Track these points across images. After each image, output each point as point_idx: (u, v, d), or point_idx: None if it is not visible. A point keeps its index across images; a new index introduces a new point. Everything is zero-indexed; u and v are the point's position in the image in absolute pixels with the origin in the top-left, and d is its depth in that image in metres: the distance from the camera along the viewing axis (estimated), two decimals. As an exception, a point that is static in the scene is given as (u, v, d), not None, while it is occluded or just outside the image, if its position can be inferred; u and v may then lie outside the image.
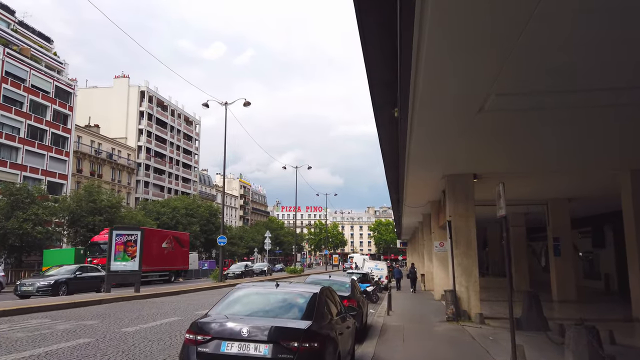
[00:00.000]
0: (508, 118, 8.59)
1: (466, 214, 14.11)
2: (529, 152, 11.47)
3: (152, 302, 17.73)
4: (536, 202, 20.94)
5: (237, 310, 5.60)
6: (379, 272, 30.00)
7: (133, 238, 20.00)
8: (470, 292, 13.78)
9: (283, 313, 5.55)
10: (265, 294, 6.08)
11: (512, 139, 10.13)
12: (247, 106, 31.51)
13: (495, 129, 9.31)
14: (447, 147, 10.59)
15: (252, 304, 5.79)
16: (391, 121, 10.65)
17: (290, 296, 5.92)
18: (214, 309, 5.70)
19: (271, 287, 6.19)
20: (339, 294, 10.31)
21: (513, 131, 9.50)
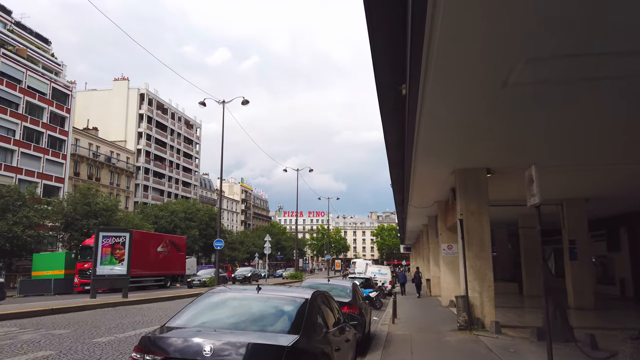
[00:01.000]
0: (535, 97, 7.36)
1: (479, 212, 12.87)
2: (555, 142, 10.19)
3: (139, 309, 16.50)
4: (550, 202, 19.61)
5: (205, 321, 4.36)
6: (383, 277, 28.71)
7: (121, 240, 18.79)
8: (484, 298, 12.51)
9: (264, 325, 4.30)
10: (243, 299, 4.83)
11: (537, 125, 8.88)
12: (245, 105, 30.43)
13: (518, 111, 8.07)
14: (461, 132, 9.34)
15: (225, 313, 4.54)
16: (397, 106, 9.45)
17: (274, 303, 4.68)
18: (175, 318, 4.46)
19: (252, 291, 4.96)
20: (338, 300, 9.08)
21: (539, 115, 8.25)
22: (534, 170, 6.37)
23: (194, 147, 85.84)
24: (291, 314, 4.37)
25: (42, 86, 50.86)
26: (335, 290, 10.12)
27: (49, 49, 56.67)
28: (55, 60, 56.49)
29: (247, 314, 4.44)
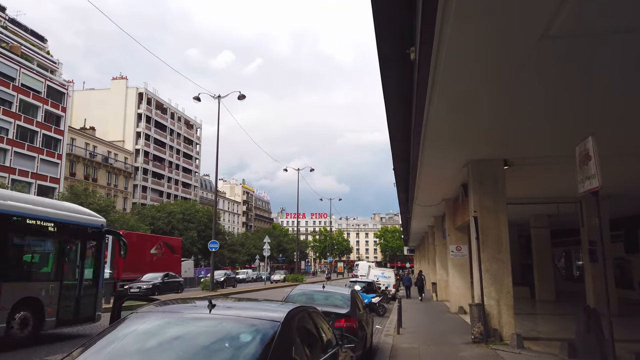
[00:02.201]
0: (578, 59, 5.88)
1: (495, 209, 11.38)
2: (600, 120, 8.64)
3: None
4: (568, 200, 18.11)
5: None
6: (386, 281, 27.17)
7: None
8: (502, 306, 11.02)
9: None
10: (182, 325, 3.30)
11: (578, 99, 7.40)
12: (241, 99, 29.09)
13: (555, 81, 6.60)
14: (481, 109, 7.85)
15: (143, 354, 3.00)
16: (404, 81, 8.00)
17: (228, 330, 3.15)
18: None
19: (200, 310, 3.47)
20: (334, 311, 7.63)
21: (580, 82, 6.76)
22: (592, 142, 4.89)
23: (194, 147, 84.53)
24: (251, 350, 2.90)
25: (36, 84, 49.63)
26: (332, 299, 8.68)
27: (44, 46, 55.50)
28: (51, 58, 55.29)
29: (180, 355, 2.91)
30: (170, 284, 28.00)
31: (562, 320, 16.31)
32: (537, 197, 17.95)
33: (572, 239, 31.19)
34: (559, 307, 21.50)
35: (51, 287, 10.60)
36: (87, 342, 3.09)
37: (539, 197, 17.94)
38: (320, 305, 8.24)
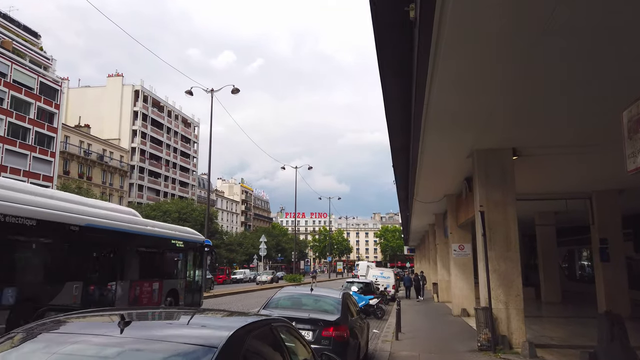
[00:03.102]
0: (615, 23, 4.85)
1: (504, 203, 10.35)
2: (620, 96, 7.60)
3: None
4: (578, 195, 17.09)
5: None
6: (385, 281, 26.15)
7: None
8: (511, 310, 9.97)
9: None
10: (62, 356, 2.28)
11: (605, 70, 6.36)
12: (235, 93, 28.10)
13: (588, 43, 5.56)
14: (490, 82, 6.83)
15: None
16: (401, 56, 6.97)
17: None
18: None
19: (109, 330, 2.43)
20: (321, 317, 6.61)
21: (613, 53, 5.73)
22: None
23: (191, 146, 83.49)
24: None
25: (29, 80, 48.56)
26: (320, 304, 7.65)
27: (37, 42, 54.47)
28: (44, 54, 54.27)
29: None
30: None
31: (573, 324, 15.29)
32: (544, 193, 16.90)
33: (576, 237, 30.22)
34: (567, 309, 20.48)
35: (181, 283, 16.35)
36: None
37: (546, 193, 16.90)
38: (307, 311, 7.22)
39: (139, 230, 14.01)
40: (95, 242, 12.08)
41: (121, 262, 13.13)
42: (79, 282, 11.14)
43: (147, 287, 14.22)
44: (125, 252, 13.33)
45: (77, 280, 11.11)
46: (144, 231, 14.35)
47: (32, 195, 10.33)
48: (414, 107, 8.10)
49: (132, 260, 13.66)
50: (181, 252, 16.47)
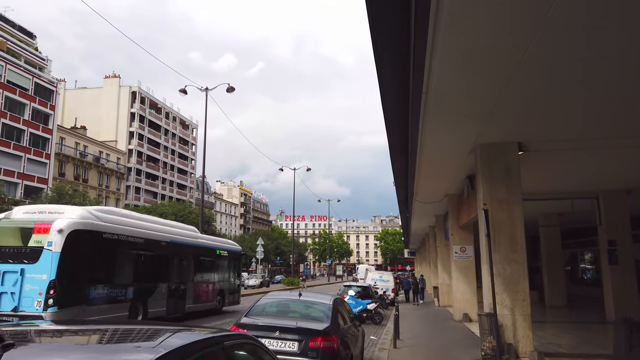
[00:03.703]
0: None
1: (509, 201, 9.64)
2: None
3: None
4: (584, 195, 16.38)
5: None
6: (384, 285, 25.41)
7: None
8: (517, 316, 9.25)
9: None
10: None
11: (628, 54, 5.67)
12: (230, 92, 27.38)
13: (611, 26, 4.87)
14: (496, 64, 6.13)
15: None
16: (398, 34, 6.27)
17: None
18: None
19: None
20: (309, 326, 5.91)
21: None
22: None
23: (189, 148, 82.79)
24: None
25: (23, 81, 47.95)
26: (309, 310, 6.94)
27: (33, 43, 53.84)
28: (39, 54, 53.60)
29: None
30: None
31: (581, 330, 14.54)
32: (549, 193, 16.18)
33: (579, 240, 29.51)
34: (573, 314, 19.73)
35: (226, 285, 19.90)
36: None
37: (551, 193, 16.18)
38: (293, 319, 6.51)
39: (199, 243, 18.08)
40: (174, 253, 15.99)
41: (188, 268, 16.94)
42: (165, 283, 15.30)
43: (204, 288, 18.13)
44: (190, 260, 17.11)
45: (164, 282, 15.28)
46: (202, 243, 18.41)
47: (140, 221, 14.94)
48: (412, 95, 7.40)
49: (194, 267, 17.44)
50: (225, 259, 20.35)
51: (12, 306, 10.61)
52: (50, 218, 11.40)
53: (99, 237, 12.25)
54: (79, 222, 11.60)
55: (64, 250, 10.85)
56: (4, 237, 11.55)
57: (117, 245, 13.02)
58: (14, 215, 11.99)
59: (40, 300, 10.53)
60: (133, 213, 16.80)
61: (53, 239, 10.91)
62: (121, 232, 13.12)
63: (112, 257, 13.03)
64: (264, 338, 5.92)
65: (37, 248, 10.98)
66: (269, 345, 5.85)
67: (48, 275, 10.65)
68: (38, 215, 11.71)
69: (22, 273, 10.78)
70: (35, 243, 11.08)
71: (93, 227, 12.06)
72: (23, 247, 11.25)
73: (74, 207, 13.21)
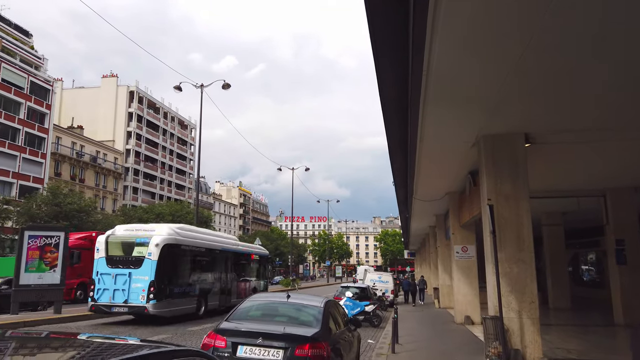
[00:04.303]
0: None
1: (515, 196, 9.03)
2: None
3: (64, 329, 12.73)
4: (591, 193, 15.77)
5: None
6: (384, 286, 24.78)
7: (53, 241, 15.03)
8: (525, 320, 8.63)
9: None
10: None
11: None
12: (226, 89, 26.77)
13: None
14: (502, 45, 5.52)
15: None
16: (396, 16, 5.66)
17: None
18: None
19: None
20: (296, 332, 5.30)
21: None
22: None
23: (188, 148, 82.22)
24: None
25: (19, 80, 47.36)
26: (297, 314, 6.31)
27: (29, 41, 53.29)
28: (35, 53, 53.06)
29: None
30: None
31: (589, 333, 13.91)
32: (554, 191, 15.54)
33: (582, 240, 28.87)
34: (578, 316, 19.10)
35: (257, 283, 23.20)
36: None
37: (556, 190, 15.55)
38: (280, 323, 5.89)
39: (239, 249, 22.01)
40: (223, 258, 19.48)
41: (232, 269, 20.43)
42: (219, 282, 18.81)
43: (243, 285, 21.39)
44: (233, 263, 20.60)
45: (218, 281, 18.78)
46: (241, 249, 22.38)
47: (201, 234, 18.81)
48: (412, 79, 6.79)
49: (236, 268, 21.02)
50: (257, 262, 24.05)
51: (123, 299, 14.20)
52: (147, 235, 15.02)
53: (179, 248, 15.84)
54: (168, 237, 15.20)
55: (159, 259, 14.44)
56: (113, 249, 14.97)
57: (189, 254, 16.66)
58: (117, 233, 15.55)
59: (143, 295, 14.08)
60: (196, 228, 20.32)
61: (152, 251, 14.54)
62: (192, 244, 16.78)
63: (186, 263, 16.53)
64: (245, 345, 5.31)
65: (140, 257, 14.56)
66: (250, 354, 5.24)
67: (149, 277, 14.25)
68: (136, 232, 15.42)
69: (130, 275, 14.37)
70: (138, 253, 14.71)
71: (176, 240, 15.63)
72: (129, 256, 14.75)
73: (161, 225, 16.98)
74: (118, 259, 14.79)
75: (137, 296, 14.11)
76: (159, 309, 14.21)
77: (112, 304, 14.23)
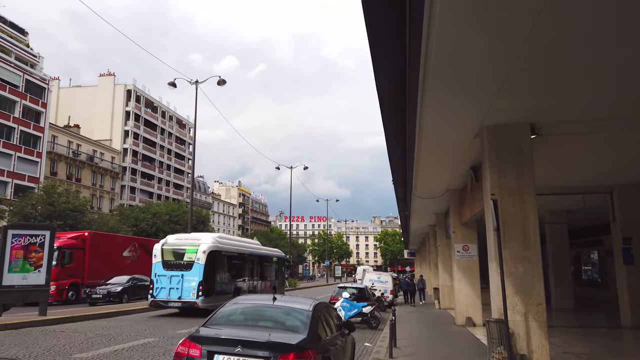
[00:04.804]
0: None
1: (520, 190, 8.46)
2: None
3: (49, 333, 12.16)
4: (597, 190, 15.20)
5: None
6: (383, 286, 24.19)
7: (38, 241, 14.44)
8: (531, 323, 8.06)
9: None
10: None
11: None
12: (221, 85, 26.32)
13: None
14: (510, 19, 4.95)
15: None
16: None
17: None
18: None
19: None
20: (280, 340, 4.72)
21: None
22: None
23: (186, 147, 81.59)
24: None
25: (13, 78, 46.80)
26: (283, 318, 5.72)
27: (24, 39, 52.67)
28: (30, 51, 52.42)
29: None
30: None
31: (596, 336, 13.34)
32: (558, 187, 14.99)
33: (585, 239, 28.28)
34: (583, 317, 18.53)
35: (276, 282, 26.35)
36: None
37: (561, 187, 14.99)
38: (264, 329, 5.32)
39: (262, 252, 25.60)
40: (250, 260, 22.95)
41: (257, 270, 23.76)
42: (248, 281, 22.05)
43: (266, 283, 24.77)
44: (258, 265, 24.04)
45: (248, 280, 22.10)
46: (263, 252, 25.98)
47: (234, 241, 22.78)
48: (410, 59, 6.21)
49: (261, 269, 24.40)
50: (276, 263, 27.56)
51: (177, 296, 17.15)
52: (195, 244, 18.08)
53: (220, 253, 18.94)
54: (212, 245, 18.29)
55: (205, 263, 17.51)
56: (167, 255, 18.01)
57: (227, 258, 19.85)
58: (169, 241, 18.65)
59: (194, 293, 17.06)
60: (230, 236, 25.08)
61: (200, 257, 17.56)
62: (229, 250, 20.18)
63: (224, 265, 19.57)
64: (222, 355, 4.73)
65: (190, 262, 17.56)
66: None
67: (198, 278, 17.26)
68: (185, 241, 18.53)
69: (182, 277, 17.33)
70: (188, 259, 17.68)
71: (217, 248, 18.75)
72: (181, 261, 17.73)
73: (205, 235, 19.89)
74: (172, 263, 17.77)
75: (189, 293, 17.06)
76: (206, 303, 16.93)
77: (169, 299, 17.17)
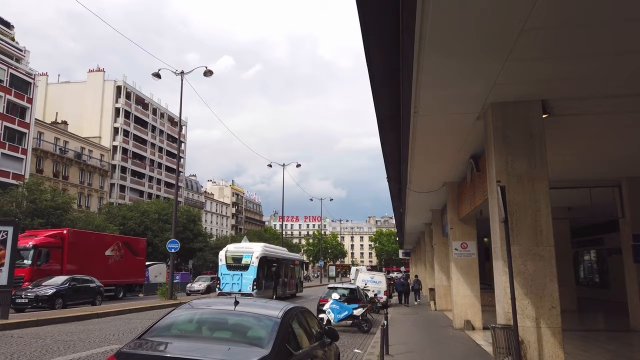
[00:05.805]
0: None
1: (531, 177, 7.38)
2: None
3: (4, 338, 10.98)
4: (604, 183, 14.17)
5: None
6: (376, 287, 23.09)
7: (0, 237, 13.25)
8: (544, 329, 6.97)
9: None
10: None
11: None
12: (207, 75, 25.21)
13: None
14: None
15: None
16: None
17: None
18: None
19: None
20: (234, 357, 3.58)
21: None
22: None
23: (179, 146, 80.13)
24: None
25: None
26: (244, 328, 4.57)
27: (9, 32, 51.23)
28: (15, 44, 50.98)
29: None
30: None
31: (607, 340, 12.29)
32: (562, 181, 13.89)
33: (587, 238, 27.36)
34: (588, 320, 17.53)
35: (298, 280, 34.16)
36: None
37: (564, 180, 13.90)
38: (218, 341, 4.17)
39: (287, 256, 32.10)
40: (282, 263, 29.79)
41: (286, 271, 30.42)
42: (281, 278, 29.00)
43: (291, 282, 31.41)
44: (286, 266, 30.72)
45: (281, 278, 29.02)
46: (288, 256, 32.52)
47: (275, 249, 31.22)
48: (402, 14, 5.10)
49: (288, 270, 30.91)
50: (297, 265, 34.28)
51: (238, 289, 23.62)
52: (250, 251, 25.19)
53: (266, 258, 25.93)
54: (262, 252, 25.37)
55: (258, 266, 24.43)
56: (229, 259, 25.05)
57: (269, 262, 26.80)
58: (229, 249, 25.84)
59: (250, 286, 23.71)
60: (272, 245, 33.39)
61: (254, 260, 24.55)
62: (271, 255, 27.59)
63: (269, 267, 26.56)
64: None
65: (247, 264, 24.49)
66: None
67: (252, 276, 24.10)
68: (242, 249, 25.63)
69: (241, 275, 24.20)
70: (245, 262, 24.57)
71: (264, 254, 25.74)
72: (240, 264, 24.64)
73: (257, 244, 27.12)
74: (233, 266, 24.61)
75: (247, 287, 23.72)
76: (259, 294, 23.12)
77: (231, 292, 23.20)
